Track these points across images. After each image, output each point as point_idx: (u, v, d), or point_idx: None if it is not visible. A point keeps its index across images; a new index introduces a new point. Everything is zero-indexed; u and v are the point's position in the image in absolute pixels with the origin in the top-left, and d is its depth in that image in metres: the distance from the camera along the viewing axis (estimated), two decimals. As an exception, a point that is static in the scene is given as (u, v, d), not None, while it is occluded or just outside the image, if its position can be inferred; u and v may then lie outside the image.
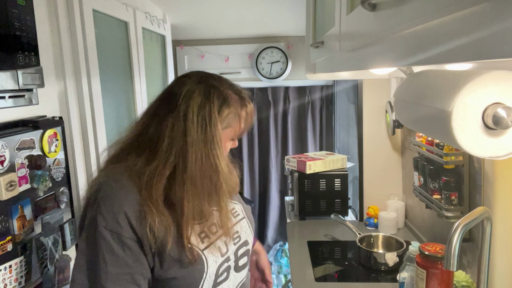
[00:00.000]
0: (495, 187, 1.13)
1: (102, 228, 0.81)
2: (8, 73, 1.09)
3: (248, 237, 1.03)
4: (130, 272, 0.82)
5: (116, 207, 0.81)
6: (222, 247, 0.93)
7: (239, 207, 1.07)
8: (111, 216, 0.81)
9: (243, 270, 1.00)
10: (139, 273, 0.83)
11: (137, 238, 0.82)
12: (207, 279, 0.88)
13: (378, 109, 2.04)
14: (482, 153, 0.58)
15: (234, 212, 1.03)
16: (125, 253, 0.81)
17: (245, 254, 1.00)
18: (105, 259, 0.81)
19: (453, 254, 0.84)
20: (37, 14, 1.23)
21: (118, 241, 0.81)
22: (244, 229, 1.02)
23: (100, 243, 0.81)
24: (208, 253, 0.89)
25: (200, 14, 2.53)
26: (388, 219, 1.91)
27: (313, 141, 3.37)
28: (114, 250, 0.81)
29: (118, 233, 0.81)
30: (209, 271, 0.88)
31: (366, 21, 0.73)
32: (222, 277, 0.93)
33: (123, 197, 0.83)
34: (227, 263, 0.93)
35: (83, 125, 1.52)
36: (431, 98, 0.64)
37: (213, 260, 0.89)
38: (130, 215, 0.81)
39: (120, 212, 0.81)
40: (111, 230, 0.81)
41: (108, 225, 0.81)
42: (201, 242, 0.89)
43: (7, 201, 1.06)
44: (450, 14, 0.43)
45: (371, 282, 1.51)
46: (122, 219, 0.81)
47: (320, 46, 1.32)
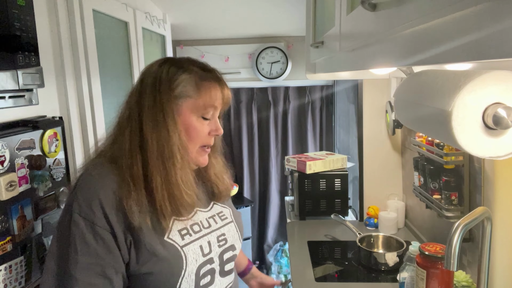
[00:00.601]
0: (495, 187, 1.13)
1: (76, 215, 0.80)
2: (8, 73, 1.09)
3: (235, 242, 1.00)
4: (101, 263, 0.80)
5: (91, 194, 0.81)
6: (204, 247, 0.90)
7: (228, 211, 1.04)
8: (86, 203, 0.80)
9: (229, 276, 0.97)
10: (111, 266, 0.81)
11: (110, 228, 0.80)
12: (186, 278, 0.85)
13: (378, 109, 2.04)
14: (482, 153, 0.58)
15: (222, 215, 1.00)
16: (97, 243, 0.80)
17: (232, 259, 0.98)
18: (76, 247, 0.79)
19: (453, 254, 0.84)
20: (37, 14, 1.23)
21: (91, 229, 0.79)
22: (231, 233, 0.99)
23: (73, 230, 0.80)
24: (188, 250, 0.86)
25: (200, 14, 2.53)
26: (388, 219, 1.91)
27: (313, 141, 3.37)
28: (86, 239, 0.79)
29: (91, 221, 0.79)
30: (188, 269, 0.85)
31: (366, 21, 0.73)
32: (205, 279, 0.90)
33: (100, 185, 0.82)
34: (210, 265, 0.91)
35: (83, 125, 1.52)
36: (431, 98, 0.64)
37: (193, 258, 0.86)
38: (105, 203, 0.80)
39: (95, 199, 0.80)
40: (85, 217, 0.80)
41: (82, 212, 0.80)
42: (182, 239, 0.87)
43: (7, 201, 1.06)
44: (450, 14, 0.43)
45: (371, 282, 1.51)
46: (96, 207, 0.80)
47: (320, 46, 1.32)
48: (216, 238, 0.94)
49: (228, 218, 1.01)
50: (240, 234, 1.03)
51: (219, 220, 0.98)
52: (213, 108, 0.91)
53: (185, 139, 0.88)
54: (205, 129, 0.91)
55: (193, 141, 0.90)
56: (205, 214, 0.96)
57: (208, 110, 0.90)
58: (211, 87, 0.90)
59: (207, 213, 0.98)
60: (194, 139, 0.90)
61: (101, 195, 0.81)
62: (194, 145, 0.90)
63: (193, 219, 0.92)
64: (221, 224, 0.98)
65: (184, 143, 0.88)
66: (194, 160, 0.92)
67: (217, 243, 0.94)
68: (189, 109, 0.88)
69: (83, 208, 0.80)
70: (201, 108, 0.89)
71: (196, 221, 0.92)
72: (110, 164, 0.86)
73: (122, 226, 0.81)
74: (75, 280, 0.78)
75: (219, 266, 0.93)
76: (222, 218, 1.00)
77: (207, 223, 0.95)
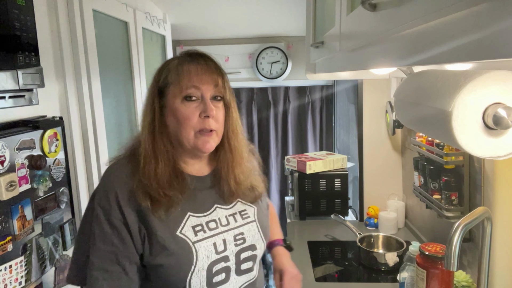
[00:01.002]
0: (495, 187, 1.13)
1: (96, 204, 0.87)
2: (8, 73, 1.09)
3: (256, 242, 0.97)
4: (115, 251, 0.85)
5: (109, 186, 0.87)
6: (219, 245, 0.90)
7: (252, 210, 1.00)
8: (104, 194, 0.87)
9: (247, 274, 0.95)
10: (125, 256, 0.85)
11: (124, 220, 0.85)
12: (196, 273, 0.86)
13: (378, 109, 2.04)
14: (482, 153, 0.58)
15: (244, 213, 0.98)
16: (112, 233, 0.85)
17: (250, 258, 0.95)
18: (95, 234, 0.86)
19: (453, 254, 0.84)
20: (37, 14, 1.22)
21: (107, 220, 0.85)
22: (251, 233, 0.96)
23: (94, 219, 0.87)
24: (199, 246, 0.87)
25: (200, 14, 2.53)
26: (388, 219, 1.91)
27: (313, 141, 3.37)
28: (103, 228, 0.85)
29: (108, 212, 0.85)
30: (199, 265, 0.86)
31: (366, 21, 0.73)
32: (219, 277, 0.90)
33: (118, 178, 0.88)
34: (225, 263, 0.90)
35: (83, 125, 1.52)
36: (431, 98, 0.64)
37: (204, 255, 0.87)
38: (120, 196, 0.85)
39: (112, 192, 0.86)
40: (103, 208, 0.86)
41: (101, 203, 0.86)
42: (194, 235, 0.88)
43: (7, 201, 1.06)
44: (450, 14, 0.43)
45: (371, 282, 1.51)
46: (112, 199, 0.85)
47: (320, 46, 1.32)
48: (233, 237, 0.93)
49: (250, 217, 0.99)
50: (263, 234, 0.99)
51: (240, 218, 0.96)
52: (194, 88, 0.89)
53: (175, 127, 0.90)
54: (193, 112, 0.89)
55: (183, 126, 0.89)
56: (225, 212, 0.95)
57: (188, 91, 0.88)
58: (191, 69, 0.90)
59: (227, 210, 0.96)
60: (183, 123, 0.88)
61: (117, 188, 0.86)
62: (187, 130, 0.89)
63: (210, 216, 0.92)
64: (241, 223, 0.96)
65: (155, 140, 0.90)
66: (192, 146, 0.90)
67: (234, 241, 0.93)
68: (172, 95, 0.90)
69: (102, 199, 0.87)
70: (183, 89, 0.88)
71: (213, 218, 0.92)
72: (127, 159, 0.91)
73: (136, 219, 0.85)
74: (92, 264, 0.85)
75: (235, 265, 0.92)
76: (243, 217, 0.97)
77: (225, 221, 0.94)
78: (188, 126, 0.88)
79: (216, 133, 0.92)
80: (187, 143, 0.90)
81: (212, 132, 0.90)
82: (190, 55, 0.94)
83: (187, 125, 0.88)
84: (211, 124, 0.89)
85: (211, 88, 0.90)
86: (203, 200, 0.94)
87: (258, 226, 0.99)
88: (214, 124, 0.90)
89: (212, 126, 0.90)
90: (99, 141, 1.59)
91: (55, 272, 1.27)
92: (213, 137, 0.91)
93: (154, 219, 0.85)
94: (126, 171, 0.88)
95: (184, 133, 0.89)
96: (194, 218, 0.90)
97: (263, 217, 1.02)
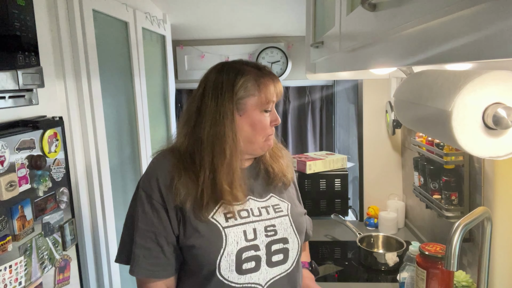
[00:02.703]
0: (495, 187, 1.13)
1: (140, 189, 0.98)
2: (8, 73, 1.09)
3: (289, 236, 1.01)
4: (154, 231, 0.94)
5: (152, 174, 0.97)
6: (249, 233, 0.95)
7: (286, 206, 1.05)
8: (147, 180, 0.97)
9: (277, 267, 0.98)
10: (162, 236, 0.94)
11: (163, 203, 0.94)
12: (225, 256, 0.92)
13: (378, 109, 2.04)
14: (482, 153, 0.58)
15: (277, 207, 1.03)
16: (153, 214, 0.95)
17: (281, 251, 0.99)
18: (138, 215, 0.96)
19: (453, 254, 0.84)
20: (37, 14, 1.22)
21: (149, 202, 0.95)
22: (283, 226, 1.01)
23: (137, 201, 0.97)
24: (229, 231, 0.93)
25: (200, 14, 2.53)
26: (388, 219, 1.91)
27: (313, 141, 3.37)
28: (145, 209, 0.95)
29: (150, 195, 0.95)
30: (228, 249, 0.92)
31: (366, 21, 0.73)
32: (248, 264, 0.94)
33: (159, 166, 0.98)
34: (255, 251, 0.95)
35: (83, 125, 1.52)
36: (431, 98, 0.64)
37: (233, 240, 0.93)
38: (161, 182, 0.95)
39: (154, 178, 0.96)
40: (145, 192, 0.96)
41: (144, 187, 0.97)
42: (225, 221, 0.95)
43: (7, 201, 1.06)
44: (450, 14, 0.43)
45: (371, 282, 1.51)
46: (154, 184, 0.95)
47: (320, 46, 1.32)
48: (264, 228, 0.98)
49: (283, 212, 1.03)
50: (296, 229, 1.03)
51: (273, 211, 1.02)
52: (272, 103, 1.01)
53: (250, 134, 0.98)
54: (268, 121, 1.00)
55: (259, 133, 0.99)
56: (258, 203, 1.01)
57: (269, 103, 0.99)
58: (268, 83, 0.99)
59: (261, 202, 1.02)
60: (260, 131, 0.99)
61: (159, 175, 0.96)
62: (261, 136, 0.99)
63: (243, 205, 0.98)
64: (273, 216, 1.01)
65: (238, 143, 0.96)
66: (262, 149, 1.01)
67: (264, 232, 0.97)
68: (253, 106, 0.98)
69: (145, 184, 0.97)
70: (264, 103, 0.98)
71: (246, 208, 0.99)
72: (171, 152, 1.00)
73: (173, 203, 0.94)
74: (135, 243, 0.96)
75: (265, 255, 0.96)
76: (276, 210, 1.03)
77: (258, 212, 1.00)
78: (264, 133, 1.00)
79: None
80: (259, 146, 1.00)
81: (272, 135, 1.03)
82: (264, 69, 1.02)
83: (263, 132, 0.99)
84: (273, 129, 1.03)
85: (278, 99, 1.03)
86: None
87: (291, 220, 1.03)
88: None
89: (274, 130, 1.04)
90: (99, 141, 1.59)
91: (55, 272, 1.27)
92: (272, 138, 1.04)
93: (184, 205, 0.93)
94: (170, 162, 0.97)
95: (259, 139, 0.99)
96: (226, 205, 0.96)
97: (297, 214, 1.07)
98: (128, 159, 1.99)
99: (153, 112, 2.32)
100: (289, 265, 1.01)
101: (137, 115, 2.04)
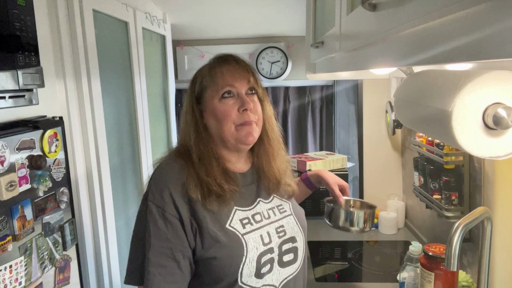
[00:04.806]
0: (495, 187, 1.13)
1: (150, 203, 0.91)
2: (8, 73, 1.09)
3: (296, 235, 1.01)
4: (170, 247, 0.89)
5: (162, 185, 0.91)
6: (264, 237, 0.94)
7: (288, 205, 1.06)
8: (158, 192, 0.91)
9: (289, 267, 0.98)
10: (178, 250, 0.89)
11: (178, 215, 0.89)
12: (247, 264, 0.90)
13: (378, 109, 2.04)
14: (482, 153, 0.58)
15: (281, 208, 1.03)
16: (167, 228, 0.89)
17: (291, 250, 0.99)
18: (150, 231, 0.90)
19: (454, 254, 0.84)
20: (37, 14, 1.22)
21: (162, 216, 0.90)
22: (290, 225, 1.01)
23: (149, 217, 0.91)
24: (248, 238, 0.92)
25: (200, 14, 2.53)
26: (388, 219, 1.91)
27: (313, 141, 3.36)
28: (158, 224, 0.89)
29: (162, 208, 0.90)
30: (249, 256, 0.90)
31: (366, 21, 0.73)
32: (265, 268, 0.93)
33: (167, 175, 0.93)
34: (271, 254, 0.94)
35: (83, 125, 1.52)
36: (431, 98, 0.64)
37: (253, 246, 0.91)
38: (173, 192, 0.90)
39: (165, 189, 0.90)
40: (157, 205, 0.90)
41: (155, 201, 0.91)
42: (243, 227, 0.93)
43: (7, 201, 1.06)
44: (450, 14, 0.43)
45: (371, 282, 1.51)
46: (166, 196, 0.90)
47: (320, 46, 1.32)
48: (275, 229, 0.97)
49: (287, 211, 1.04)
50: (301, 227, 1.04)
51: (278, 212, 1.01)
52: (229, 86, 0.95)
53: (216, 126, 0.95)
54: (232, 107, 0.94)
55: (224, 122, 0.94)
56: (266, 205, 1.00)
57: (224, 89, 0.94)
58: (223, 69, 0.96)
59: (267, 204, 1.01)
60: (224, 120, 0.94)
61: (170, 185, 0.91)
62: (228, 125, 0.94)
63: (255, 209, 0.98)
64: (280, 216, 1.01)
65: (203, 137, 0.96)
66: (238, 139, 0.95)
67: (276, 234, 0.97)
68: (210, 96, 0.96)
69: (156, 196, 0.91)
70: (219, 89, 0.94)
71: (258, 211, 0.98)
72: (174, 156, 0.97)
73: (188, 214, 0.90)
74: (148, 261, 0.89)
75: (277, 256, 0.96)
76: (281, 211, 1.02)
77: (267, 214, 0.99)
78: (229, 122, 0.94)
79: (256, 124, 0.97)
80: (230, 137, 0.95)
81: (252, 123, 0.95)
82: (220, 57, 1.00)
83: (227, 121, 0.93)
84: (250, 117, 0.95)
85: (245, 84, 0.96)
86: (247, 195, 0.99)
87: (295, 219, 1.04)
88: (253, 116, 0.95)
89: (252, 118, 0.95)
90: (99, 141, 1.59)
91: (55, 272, 1.27)
92: (254, 127, 0.96)
93: (205, 214, 0.90)
94: (176, 168, 0.94)
95: (225, 129, 0.94)
96: (240, 212, 0.95)
97: (299, 212, 1.08)
98: (128, 159, 1.99)
99: (153, 112, 2.32)
100: (298, 264, 1.01)
101: (137, 115, 2.04)
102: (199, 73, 1.01)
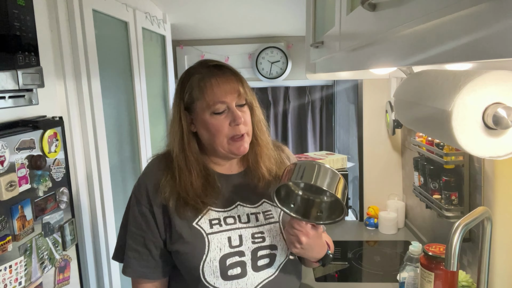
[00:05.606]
0: (495, 187, 1.13)
1: (132, 194, 1.02)
2: (8, 73, 1.08)
3: (278, 243, 0.98)
4: (143, 235, 0.98)
5: (143, 179, 1.01)
6: (234, 239, 0.95)
7: (278, 211, 1.02)
8: (138, 185, 1.01)
9: (263, 271, 0.97)
10: (151, 240, 0.98)
11: (151, 208, 0.97)
12: (208, 263, 0.92)
13: (378, 109, 2.04)
14: (482, 153, 0.58)
15: (268, 214, 1.01)
16: (141, 218, 0.98)
17: (267, 256, 0.97)
18: (128, 218, 1.01)
19: (454, 254, 0.84)
20: (37, 14, 1.22)
21: (138, 206, 0.98)
22: (272, 233, 0.98)
23: (130, 206, 1.01)
24: (212, 238, 0.94)
25: (200, 14, 2.53)
26: (388, 219, 1.91)
27: (313, 141, 3.37)
28: (135, 213, 0.99)
29: (138, 199, 0.99)
30: (210, 255, 0.92)
31: (366, 21, 0.73)
32: (234, 270, 0.93)
33: (150, 171, 1.01)
34: (240, 257, 0.94)
35: (83, 125, 1.52)
36: (431, 98, 0.64)
37: (216, 247, 0.93)
38: (148, 185, 0.98)
39: (143, 183, 0.99)
40: (136, 196, 1.00)
41: (135, 192, 1.01)
42: (210, 227, 0.95)
43: (7, 201, 1.06)
44: (450, 14, 0.43)
45: (371, 282, 1.51)
46: (143, 189, 0.98)
47: (320, 46, 1.32)
48: (251, 234, 0.97)
49: (274, 218, 1.01)
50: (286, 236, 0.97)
51: (262, 218, 1.00)
52: (220, 103, 0.94)
53: (208, 137, 0.97)
54: (223, 122, 0.95)
55: (216, 136, 0.95)
56: (248, 210, 1.00)
57: (216, 106, 0.94)
58: (212, 83, 0.94)
59: (251, 209, 1.01)
60: (216, 134, 0.95)
61: (148, 180, 0.99)
62: (220, 139, 0.95)
63: (230, 212, 0.99)
64: (262, 223, 0.99)
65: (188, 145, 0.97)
66: (229, 151, 0.97)
67: (251, 239, 0.96)
68: (201, 109, 0.95)
69: (136, 188, 1.01)
70: (210, 105, 0.94)
71: (233, 215, 0.98)
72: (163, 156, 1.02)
73: (160, 210, 0.96)
74: (128, 244, 1.00)
75: (250, 261, 0.95)
76: (266, 217, 1.00)
77: (246, 218, 0.99)
78: (221, 136, 0.95)
79: (247, 135, 0.98)
80: (222, 150, 0.96)
81: (243, 136, 0.97)
82: (207, 67, 0.98)
83: (220, 135, 0.95)
84: (241, 130, 0.96)
85: (235, 97, 0.95)
86: (226, 197, 1.00)
87: (281, 227, 1.00)
88: (244, 128, 0.96)
89: (243, 131, 0.96)
90: (99, 141, 1.59)
91: (55, 272, 1.27)
92: (245, 139, 0.98)
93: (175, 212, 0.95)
94: (159, 167, 1.00)
95: (218, 142, 0.96)
96: (213, 212, 0.97)
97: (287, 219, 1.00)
98: (128, 159, 1.99)
99: (153, 112, 2.32)
100: (275, 269, 0.98)
101: (137, 115, 2.04)
102: (187, 81, 0.98)
